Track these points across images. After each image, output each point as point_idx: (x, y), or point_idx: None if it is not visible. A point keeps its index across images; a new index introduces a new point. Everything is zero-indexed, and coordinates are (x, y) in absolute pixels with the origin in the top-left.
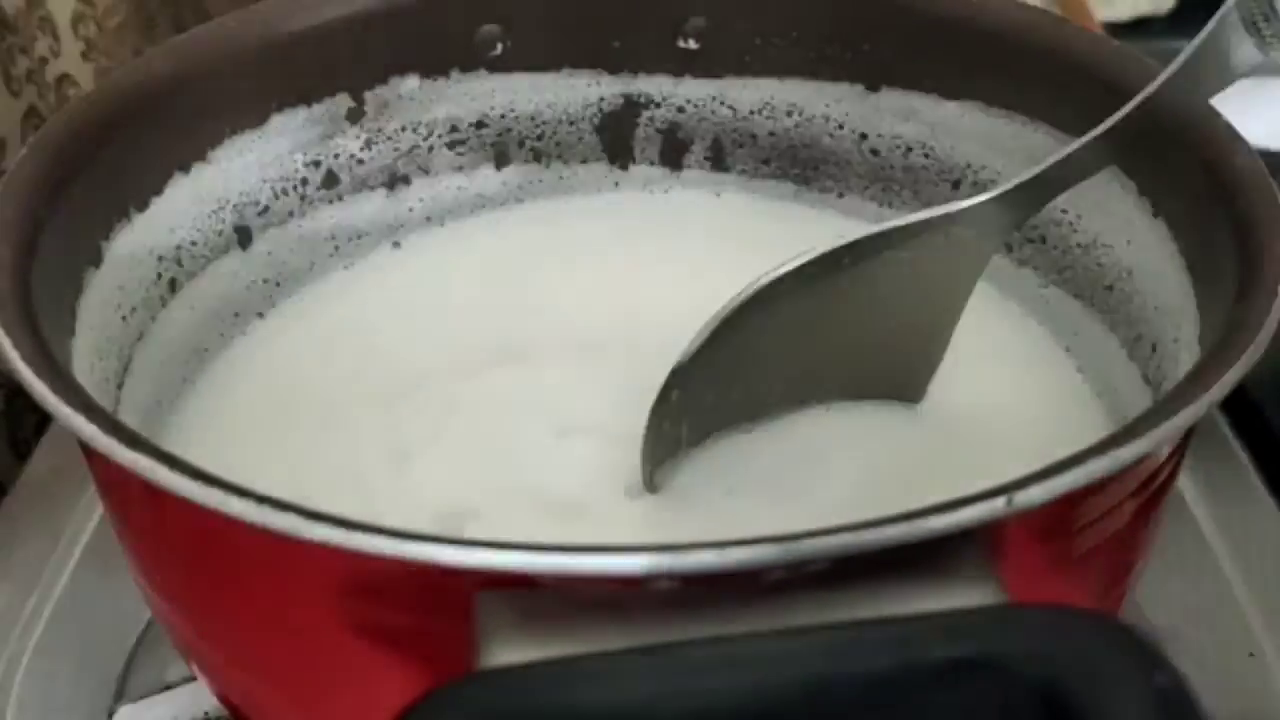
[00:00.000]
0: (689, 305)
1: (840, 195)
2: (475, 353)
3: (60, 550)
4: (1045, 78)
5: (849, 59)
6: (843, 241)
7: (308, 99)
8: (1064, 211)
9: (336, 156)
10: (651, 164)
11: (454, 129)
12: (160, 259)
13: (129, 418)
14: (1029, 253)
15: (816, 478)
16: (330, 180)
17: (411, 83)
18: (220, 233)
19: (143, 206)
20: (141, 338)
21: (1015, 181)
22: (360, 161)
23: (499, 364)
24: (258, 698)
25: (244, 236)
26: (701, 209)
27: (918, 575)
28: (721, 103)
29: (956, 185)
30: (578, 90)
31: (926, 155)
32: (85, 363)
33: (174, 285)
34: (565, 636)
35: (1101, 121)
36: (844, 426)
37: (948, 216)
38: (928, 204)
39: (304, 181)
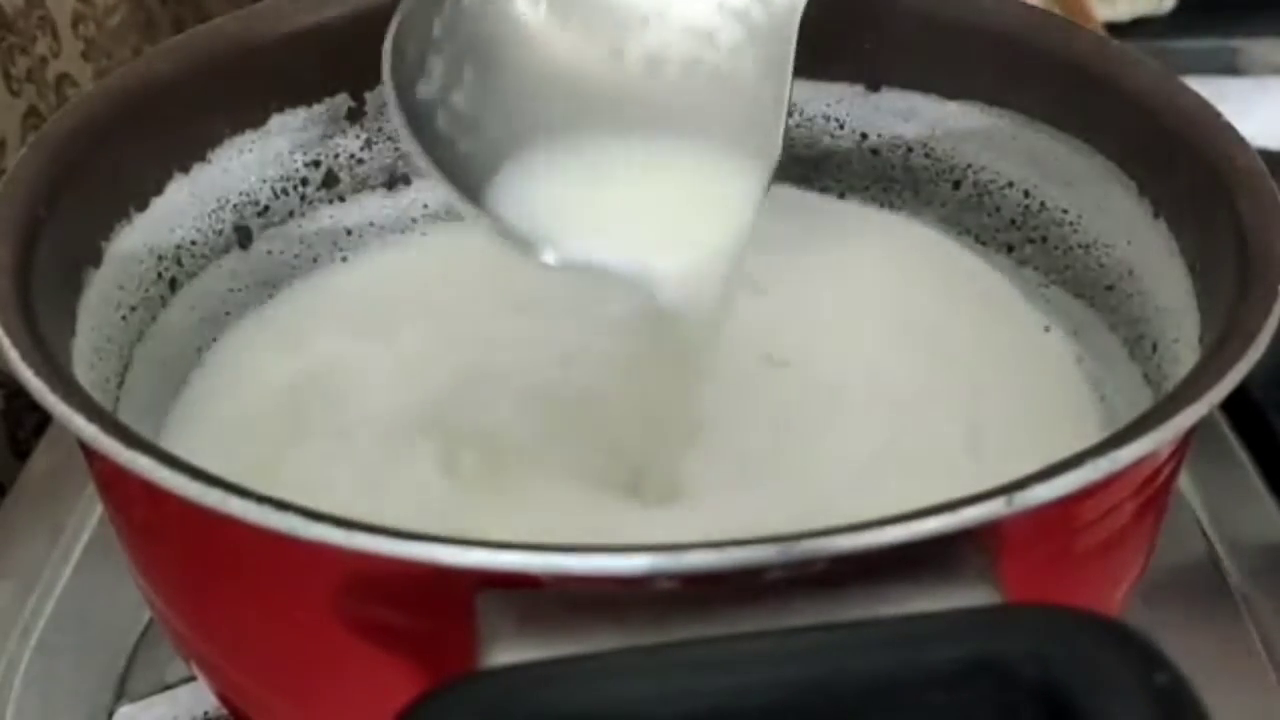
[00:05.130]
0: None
1: (841, 196)
2: (474, 350)
3: (60, 550)
4: (1045, 78)
5: (849, 59)
6: None
7: (308, 99)
8: (1065, 212)
9: (336, 156)
10: None
11: None
12: (160, 259)
13: (129, 418)
14: (1030, 252)
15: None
16: (330, 180)
17: None
18: (220, 232)
19: (143, 206)
20: (141, 338)
21: None
22: (360, 161)
23: (497, 363)
24: (258, 698)
25: (244, 236)
26: None
27: (918, 575)
28: None
29: (957, 185)
30: None
31: (927, 155)
32: (85, 363)
33: (174, 285)
34: (565, 636)
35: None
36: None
37: None
38: (927, 204)
39: (304, 181)
